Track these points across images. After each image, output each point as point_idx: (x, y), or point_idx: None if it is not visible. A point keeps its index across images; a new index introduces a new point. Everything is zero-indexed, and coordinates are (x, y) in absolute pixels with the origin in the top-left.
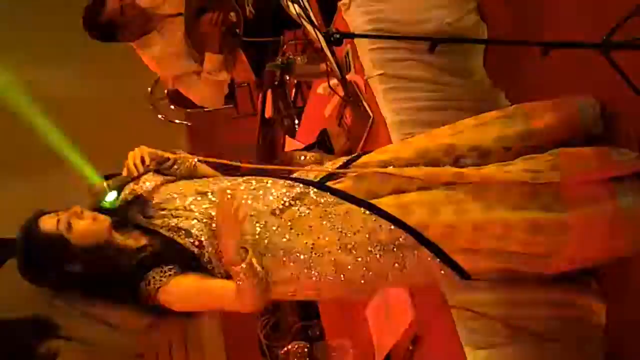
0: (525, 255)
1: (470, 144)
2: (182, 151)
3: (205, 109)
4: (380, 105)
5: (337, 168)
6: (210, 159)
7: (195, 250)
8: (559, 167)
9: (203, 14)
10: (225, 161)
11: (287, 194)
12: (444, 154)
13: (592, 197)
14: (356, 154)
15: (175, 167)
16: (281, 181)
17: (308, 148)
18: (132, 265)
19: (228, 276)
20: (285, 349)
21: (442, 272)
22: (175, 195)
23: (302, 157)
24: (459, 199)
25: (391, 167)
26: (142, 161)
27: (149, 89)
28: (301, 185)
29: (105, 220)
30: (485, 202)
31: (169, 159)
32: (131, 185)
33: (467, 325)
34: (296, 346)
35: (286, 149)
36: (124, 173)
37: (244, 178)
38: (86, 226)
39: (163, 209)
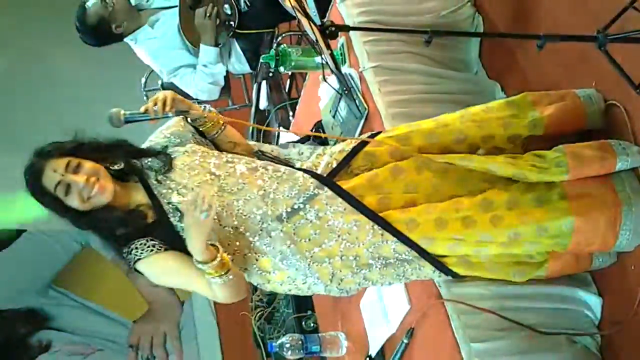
0: (524, 263)
1: (481, 134)
2: (213, 110)
3: (199, 101)
4: (375, 97)
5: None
6: (256, 125)
7: (185, 235)
8: (564, 164)
9: (197, 7)
10: (270, 128)
11: (299, 195)
12: (456, 142)
13: (594, 193)
14: (370, 133)
15: (201, 121)
16: (297, 174)
17: (302, 140)
18: (118, 230)
19: None
20: (280, 341)
21: (439, 277)
22: (187, 169)
23: (295, 150)
24: (466, 211)
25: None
26: (164, 105)
27: (143, 80)
28: (315, 184)
29: (109, 192)
30: (493, 213)
31: (188, 112)
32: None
33: (461, 318)
34: (290, 338)
35: (280, 141)
36: (142, 109)
37: (262, 163)
38: (80, 203)
39: (172, 180)
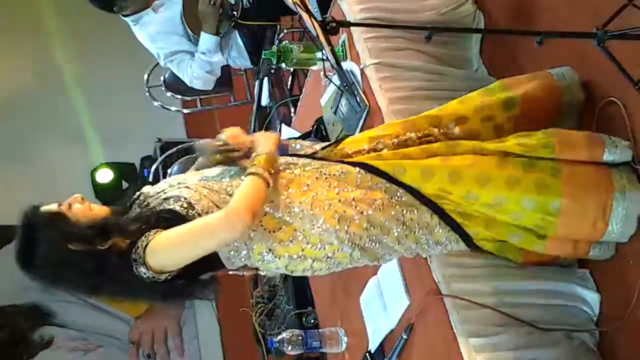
0: (523, 229)
1: (454, 114)
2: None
3: (202, 97)
4: (376, 94)
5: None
6: None
7: (183, 210)
8: (551, 145)
9: None
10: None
11: (279, 164)
12: (429, 123)
13: (587, 176)
14: (342, 135)
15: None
16: None
17: (304, 136)
18: (131, 226)
19: None
20: (280, 337)
21: (439, 224)
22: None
23: (298, 146)
24: (455, 165)
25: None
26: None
27: (146, 75)
28: (291, 159)
29: (104, 207)
30: (481, 171)
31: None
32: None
33: (460, 313)
34: (291, 334)
35: (282, 137)
36: (236, 151)
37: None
38: (86, 208)
39: (159, 191)
